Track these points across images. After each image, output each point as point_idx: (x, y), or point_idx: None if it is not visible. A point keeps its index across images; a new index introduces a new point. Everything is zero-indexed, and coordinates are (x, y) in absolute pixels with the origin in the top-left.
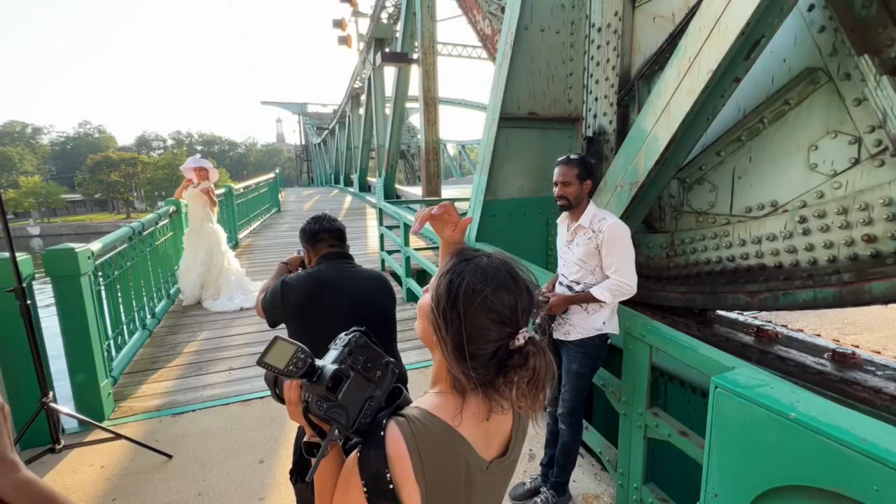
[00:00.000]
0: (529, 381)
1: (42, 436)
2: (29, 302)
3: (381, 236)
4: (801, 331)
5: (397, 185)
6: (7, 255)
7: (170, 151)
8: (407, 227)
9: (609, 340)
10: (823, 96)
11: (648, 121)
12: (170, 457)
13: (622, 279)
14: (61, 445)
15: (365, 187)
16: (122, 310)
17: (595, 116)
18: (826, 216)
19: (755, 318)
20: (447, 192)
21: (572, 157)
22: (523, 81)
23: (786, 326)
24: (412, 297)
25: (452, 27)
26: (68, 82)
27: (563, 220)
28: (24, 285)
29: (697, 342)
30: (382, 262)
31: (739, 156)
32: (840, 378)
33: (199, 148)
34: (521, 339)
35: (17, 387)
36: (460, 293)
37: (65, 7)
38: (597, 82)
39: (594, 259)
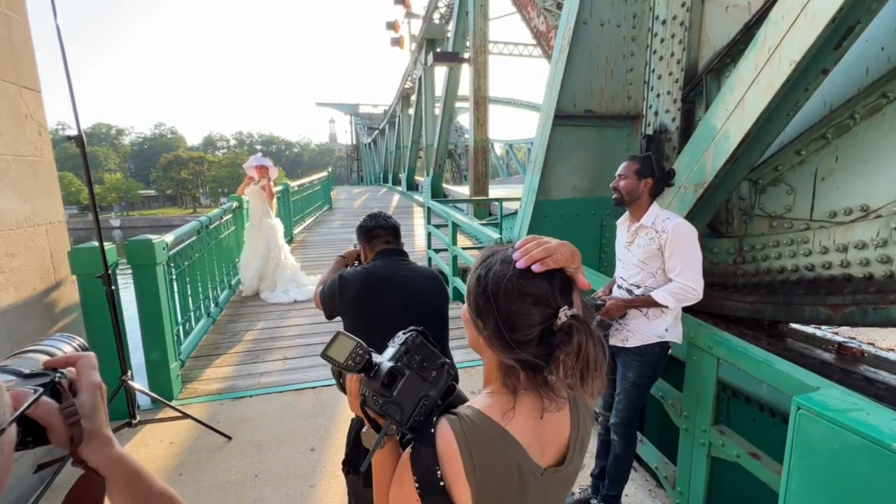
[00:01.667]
0: (577, 358)
1: (120, 411)
2: (113, 287)
3: (429, 234)
4: (892, 350)
5: (444, 185)
6: (96, 244)
7: (232, 151)
8: (456, 226)
9: (670, 350)
10: None
11: (718, 117)
12: (229, 438)
13: (686, 282)
14: (137, 420)
15: (412, 186)
16: (189, 298)
17: (656, 114)
18: None
19: (836, 333)
20: (494, 191)
21: (640, 154)
22: (580, 78)
23: (872, 344)
24: (458, 297)
25: (502, 25)
26: (147, 85)
27: (622, 222)
28: (109, 272)
29: (774, 357)
30: (429, 260)
31: (824, 155)
32: None
33: (258, 147)
34: (563, 317)
35: (101, 364)
36: (489, 282)
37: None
38: (659, 78)
39: (656, 261)
